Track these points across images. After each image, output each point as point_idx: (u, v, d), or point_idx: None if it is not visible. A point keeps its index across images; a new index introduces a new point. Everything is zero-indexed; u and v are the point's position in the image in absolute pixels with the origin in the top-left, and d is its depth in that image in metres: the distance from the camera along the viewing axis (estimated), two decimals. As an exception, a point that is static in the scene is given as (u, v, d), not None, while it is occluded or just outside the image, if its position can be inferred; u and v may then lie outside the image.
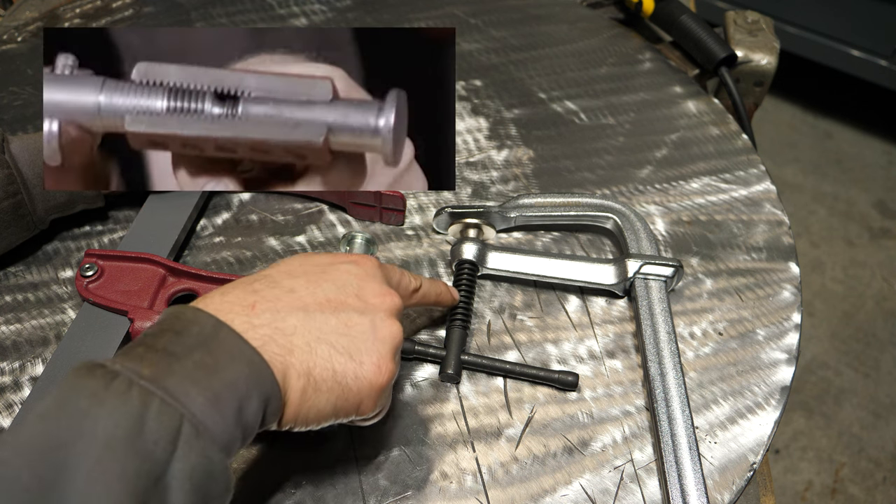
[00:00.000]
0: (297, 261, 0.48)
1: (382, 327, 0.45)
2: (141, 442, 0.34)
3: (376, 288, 0.47)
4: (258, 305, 0.42)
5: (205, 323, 0.40)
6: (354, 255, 0.50)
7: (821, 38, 2.01)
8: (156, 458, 0.34)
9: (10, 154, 0.59)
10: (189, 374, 0.37)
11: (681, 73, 0.87)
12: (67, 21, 0.90)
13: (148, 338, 0.39)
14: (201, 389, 0.37)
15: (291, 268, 0.46)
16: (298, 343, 0.42)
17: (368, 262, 0.49)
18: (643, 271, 0.62)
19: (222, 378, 0.38)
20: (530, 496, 0.52)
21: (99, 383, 0.35)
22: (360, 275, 0.47)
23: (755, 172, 0.76)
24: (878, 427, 1.61)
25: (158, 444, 0.34)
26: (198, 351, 0.38)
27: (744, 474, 0.54)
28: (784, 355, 0.61)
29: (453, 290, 0.59)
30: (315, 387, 0.42)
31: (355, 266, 0.48)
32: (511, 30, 0.92)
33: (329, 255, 0.49)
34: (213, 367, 0.38)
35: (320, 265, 0.47)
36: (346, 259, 0.48)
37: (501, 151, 0.77)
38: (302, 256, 0.49)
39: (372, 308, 0.46)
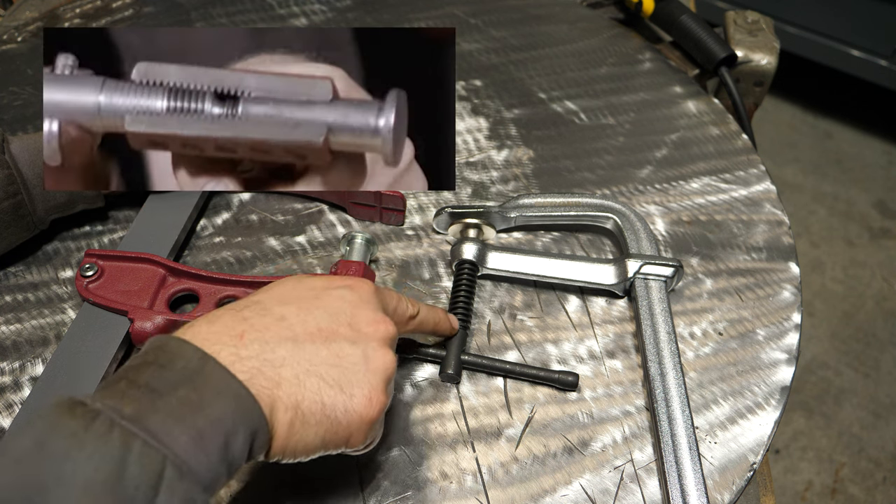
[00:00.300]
0: (290, 284, 0.46)
1: (375, 358, 0.44)
2: (121, 488, 0.32)
3: (370, 315, 0.45)
4: (246, 335, 0.41)
5: (190, 356, 0.38)
6: (350, 279, 0.48)
7: (821, 38, 2.01)
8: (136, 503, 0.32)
9: (10, 154, 0.59)
10: (173, 412, 0.35)
11: (681, 73, 0.87)
12: (67, 21, 0.90)
13: (131, 371, 0.37)
14: (185, 428, 0.35)
15: (283, 292, 0.45)
16: (287, 375, 0.40)
17: (363, 288, 0.47)
18: (643, 271, 0.62)
19: (208, 415, 0.36)
20: (530, 496, 0.52)
21: (79, 423, 0.34)
22: (353, 301, 0.45)
23: (755, 172, 0.76)
24: (878, 427, 1.61)
25: (140, 489, 0.33)
26: (183, 387, 0.36)
27: (744, 474, 0.54)
28: (784, 355, 0.61)
29: (452, 318, 0.58)
30: (303, 420, 0.40)
31: (349, 291, 0.46)
32: (511, 30, 0.92)
33: (323, 279, 0.47)
34: (198, 403, 0.36)
35: (314, 290, 0.46)
36: (341, 283, 0.47)
37: (501, 151, 0.77)
38: (295, 279, 0.47)
39: (364, 337, 0.44)
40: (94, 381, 0.54)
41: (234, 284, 0.60)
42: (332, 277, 0.48)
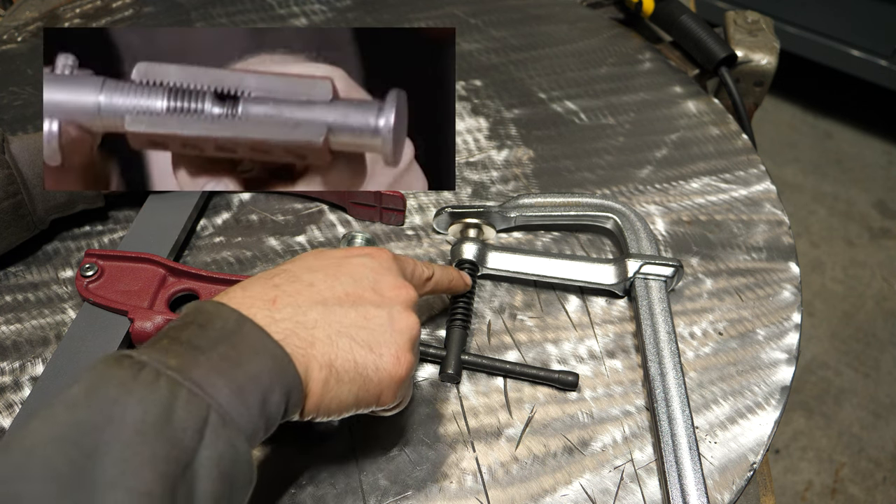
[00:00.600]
0: (313, 255, 0.49)
1: (399, 319, 0.46)
2: (170, 429, 0.34)
3: (392, 281, 0.48)
4: (279, 300, 0.43)
5: (228, 317, 0.40)
6: (369, 248, 0.50)
7: (821, 38, 2.01)
8: (184, 445, 0.35)
9: (10, 154, 0.59)
10: (214, 367, 0.38)
11: (681, 73, 0.87)
12: (67, 21, 0.90)
13: (172, 330, 0.40)
14: (227, 381, 0.37)
15: (309, 262, 0.47)
16: (320, 336, 0.43)
17: (383, 255, 0.50)
18: (643, 271, 0.62)
19: (246, 371, 0.38)
20: (530, 496, 0.52)
21: (127, 373, 0.36)
22: (375, 268, 0.48)
23: (755, 172, 0.76)
24: (878, 427, 1.61)
25: (187, 433, 0.35)
26: (222, 344, 0.39)
27: (744, 474, 0.54)
28: (784, 355, 0.61)
29: (465, 275, 0.60)
30: (337, 378, 0.42)
31: (370, 259, 0.48)
32: (511, 30, 0.92)
33: (344, 250, 0.50)
34: (237, 359, 0.38)
35: (336, 258, 0.48)
36: (362, 252, 0.49)
37: (501, 151, 0.77)
38: (317, 252, 0.49)
39: (388, 301, 0.46)
40: (94, 381, 0.54)
41: (234, 284, 0.60)
42: (351, 248, 0.50)
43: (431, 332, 0.62)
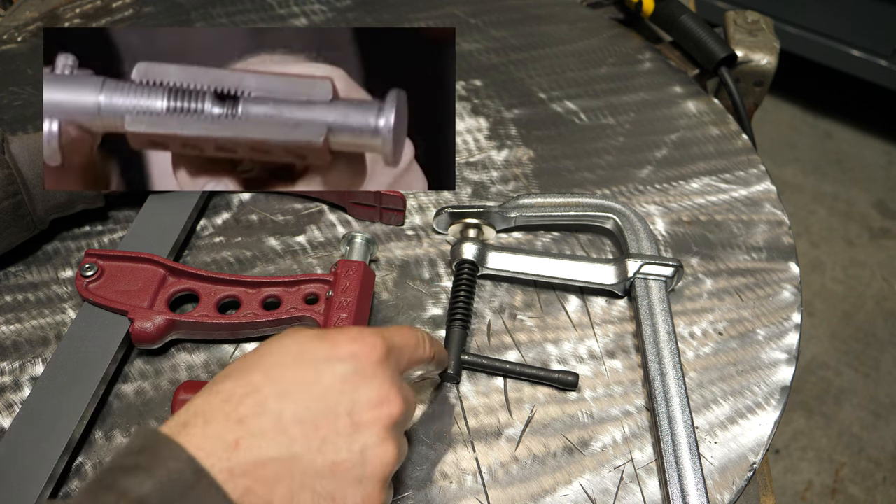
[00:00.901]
0: (291, 359, 0.42)
1: (373, 458, 0.41)
2: None
3: (373, 395, 0.42)
4: (242, 444, 0.38)
5: (183, 468, 0.36)
6: (358, 340, 0.43)
7: (821, 38, 2.01)
8: None
9: (10, 154, 0.59)
10: None
11: (681, 73, 0.87)
12: (67, 21, 0.90)
13: (119, 477, 0.35)
14: None
15: (283, 374, 0.41)
16: (280, 492, 0.38)
17: (370, 357, 0.42)
18: (643, 271, 0.62)
19: None
20: (530, 496, 0.52)
21: None
22: (356, 381, 0.42)
23: (755, 172, 0.76)
24: (878, 427, 1.61)
25: None
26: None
27: (744, 474, 0.54)
28: (784, 355, 0.61)
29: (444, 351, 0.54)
30: None
31: (352, 369, 0.42)
32: (511, 30, 0.92)
33: (327, 346, 0.42)
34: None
35: (316, 368, 0.41)
36: (347, 353, 0.42)
37: (501, 151, 0.77)
38: (297, 348, 0.42)
39: (364, 429, 0.41)
40: (95, 381, 0.54)
41: (234, 284, 0.60)
42: (338, 342, 0.42)
43: (431, 332, 0.62)
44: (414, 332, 0.48)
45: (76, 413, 0.52)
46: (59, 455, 0.50)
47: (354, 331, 0.43)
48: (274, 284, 0.60)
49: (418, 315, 0.63)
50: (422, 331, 0.49)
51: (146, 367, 0.59)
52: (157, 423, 0.55)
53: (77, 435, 0.52)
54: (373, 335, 0.43)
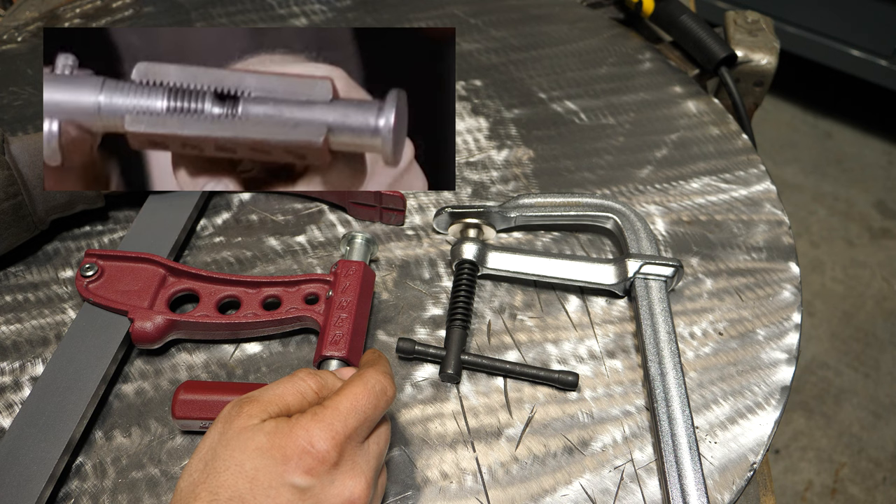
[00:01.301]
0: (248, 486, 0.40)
1: None
2: None
3: (336, 502, 0.41)
4: None
5: None
6: (308, 458, 0.40)
7: (821, 38, 2.01)
8: None
9: (10, 155, 0.59)
10: None
11: (681, 73, 0.87)
12: (67, 21, 0.90)
13: None
14: None
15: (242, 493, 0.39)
16: None
17: (325, 468, 0.41)
18: (643, 271, 0.62)
19: None
20: (530, 496, 0.52)
21: None
22: (315, 494, 0.40)
23: (755, 172, 0.76)
24: (878, 427, 1.61)
25: None
26: None
27: (744, 474, 0.54)
28: (784, 355, 0.61)
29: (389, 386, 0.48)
30: None
31: (310, 483, 0.40)
32: (511, 30, 0.92)
33: (279, 468, 0.40)
34: None
35: (273, 490, 0.40)
36: (300, 471, 0.40)
37: (501, 151, 0.77)
38: (250, 472, 0.40)
39: None
40: (95, 381, 0.54)
41: (234, 284, 0.60)
42: (288, 459, 0.40)
43: (431, 332, 0.62)
44: (369, 393, 0.44)
45: (76, 413, 0.52)
46: (59, 455, 0.50)
47: (304, 440, 0.41)
48: (274, 284, 0.60)
49: (418, 315, 0.63)
50: (380, 379, 0.45)
51: (146, 367, 0.59)
52: (156, 423, 0.55)
53: (77, 435, 0.52)
54: (325, 440, 0.41)
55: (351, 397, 0.43)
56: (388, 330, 0.61)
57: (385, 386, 0.45)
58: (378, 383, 0.45)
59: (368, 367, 0.46)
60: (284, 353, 0.60)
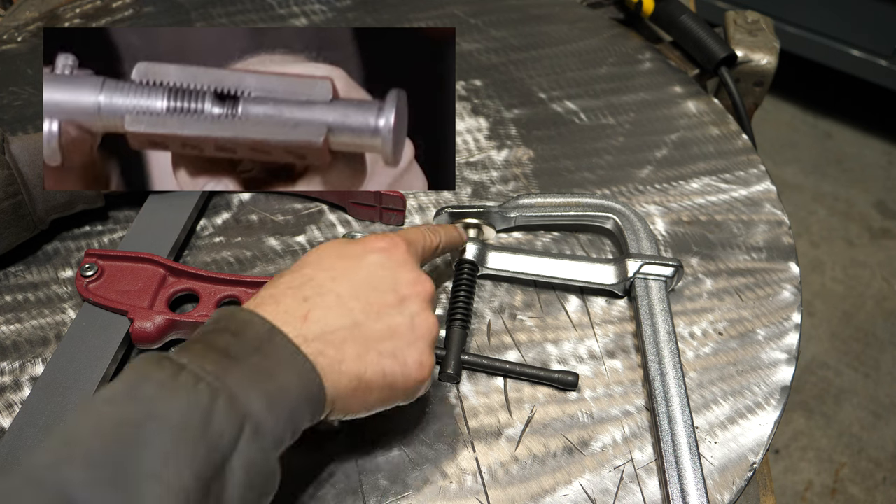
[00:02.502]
0: (333, 253, 0.49)
1: (420, 324, 0.47)
2: (209, 433, 0.36)
3: (409, 277, 0.49)
4: (310, 317, 0.44)
5: (260, 327, 0.42)
6: (383, 239, 0.50)
7: (821, 38, 2.01)
8: (220, 449, 0.36)
9: (10, 154, 0.59)
10: (248, 376, 0.39)
11: (681, 73, 0.87)
12: (67, 21, 0.90)
13: (206, 336, 0.41)
14: (260, 393, 0.39)
15: (331, 266, 0.47)
16: (349, 353, 0.44)
17: (398, 250, 0.50)
18: (643, 271, 0.62)
19: (278, 384, 0.40)
20: (530, 496, 0.52)
21: (167, 374, 0.37)
22: (392, 267, 0.49)
23: (755, 172, 0.76)
24: (878, 427, 1.61)
25: (223, 438, 0.36)
26: (255, 355, 0.40)
27: (744, 474, 0.54)
28: (784, 355, 0.61)
29: (460, 229, 0.63)
30: (366, 388, 0.45)
31: (388, 258, 0.49)
32: (511, 30, 0.92)
33: (360, 245, 0.50)
34: (269, 372, 0.40)
35: (355, 259, 0.48)
36: (377, 247, 0.49)
37: (501, 151, 0.77)
38: (335, 248, 0.49)
39: (408, 301, 0.48)
40: (94, 381, 0.54)
41: (234, 284, 0.60)
42: (367, 241, 0.50)
43: (431, 332, 0.62)
44: (418, 230, 0.56)
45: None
46: (59, 455, 0.50)
47: (379, 234, 0.51)
48: (274, 284, 0.60)
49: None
50: (425, 226, 0.57)
51: (146, 367, 0.59)
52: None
53: (77, 435, 0.52)
54: (393, 235, 0.51)
55: (406, 229, 0.55)
56: (388, 330, 0.61)
57: (433, 227, 0.58)
58: (426, 225, 0.58)
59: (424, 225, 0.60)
60: (284, 353, 0.60)
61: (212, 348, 0.40)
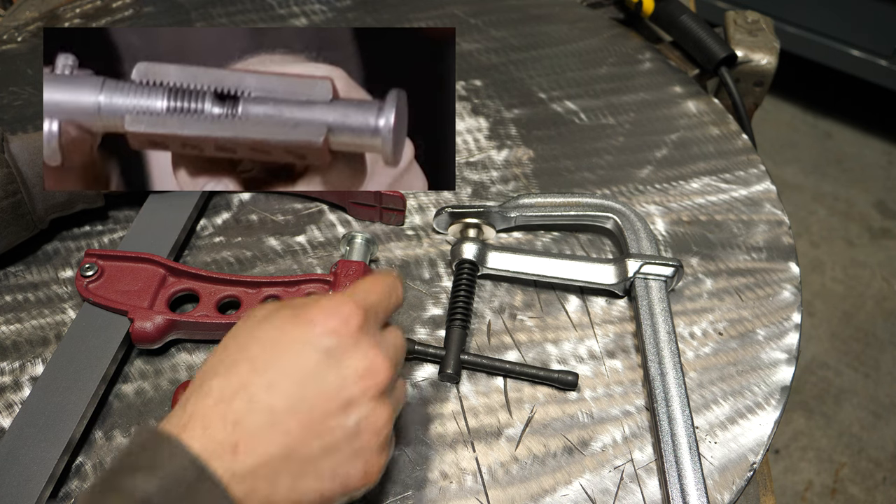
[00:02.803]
0: (272, 339, 0.42)
1: (367, 427, 0.42)
2: None
3: (359, 367, 0.42)
4: (241, 447, 0.38)
5: (187, 467, 0.36)
6: (334, 320, 0.42)
7: (821, 38, 2.01)
8: None
9: (9, 153, 0.59)
10: None
11: (681, 73, 0.87)
12: (67, 21, 0.90)
13: (123, 477, 0.35)
14: None
15: (268, 358, 0.41)
16: (283, 484, 0.39)
17: (348, 329, 0.42)
18: (643, 271, 0.62)
19: None
20: (530, 496, 0.52)
21: None
22: (340, 355, 0.41)
23: (755, 172, 0.76)
24: (878, 427, 1.61)
25: None
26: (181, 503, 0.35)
27: (744, 474, 0.54)
28: (784, 355, 0.61)
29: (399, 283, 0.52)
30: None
31: (336, 343, 0.42)
32: (511, 30, 0.92)
33: (305, 326, 0.42)
34: None
35: (298, 347, 0.41)
36: (327, 331, 0.42)
37: (501, 151, 0.77)
38: (275, 327, 0.42)
39: (354, 404, 0.41)
40: (95, 381, 0.54)
41: (234, 284, 0.60)
42: (315, 318, 0.42)
43: (431, 332, 0.62)
44: (384, 281, 0.47)
45: (76, 413, 0.52)
46: (59, 455, 0.50)
47: (329, 303, 0.43)
48: (274, 284, 0.60)
49: (418, 315, 0.63)
50: (390, 275, 0.48)
51: (146, 367, 0.59)
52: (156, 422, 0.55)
53: (77, 435, 0.52)
54: (347, 304, 0.43)
55: (368, 280, 0.46)
56: (388, 330, 0.61)
57: (395, 283, 0.48)
58: (388, 277, 0.48)
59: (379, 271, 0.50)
60: (284, 353, 0.60)
61: (128, 496, 0.34)
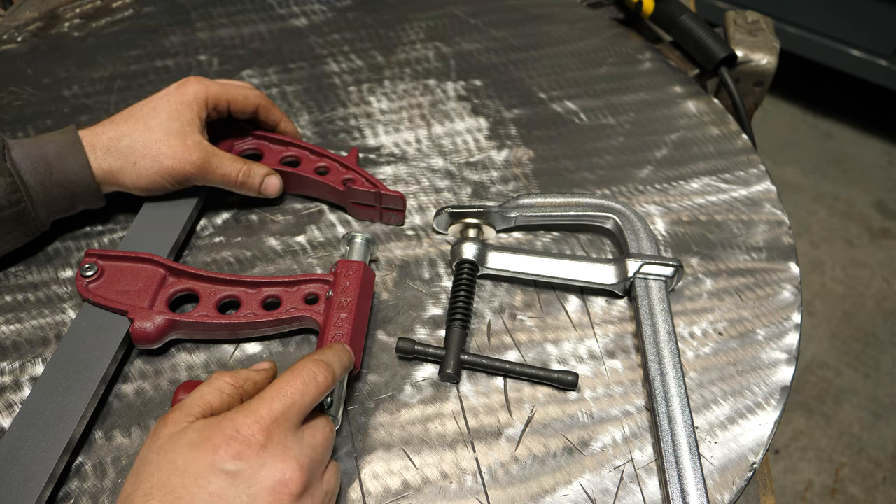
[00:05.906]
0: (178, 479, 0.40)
1: None
2: None
3: (268, 484, 0.41)
4: None
5: None
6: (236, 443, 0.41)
7: (821, 38, 2.01)
8: None
9: (11, 162, 0.59)
10: None
11: (681, 73, 0.87)
12: (67, 21, 0.90)
13: None
14: None
15: (176, 485, 0.40)
16: None
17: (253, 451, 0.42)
18: (643, 271, 0.62)
19: None
20: (530, 496, 0.52)
21: None
22: (246, 477, 0.41)
23: (755, 172, 0.76)
24: (878, 427, 1.61)
25: None
26: None
27: (744, 474, 0.54)
28: (784, 355, 0.61)
29: (347, 348, 0.52)
30: None
31: (239, 467, 0.41)
32: (511, 30, 0.92)
33: (207, 454, 0.41)
34: None
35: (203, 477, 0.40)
36: (228, 457, 0.41)
37: (501, 151, 0.77)
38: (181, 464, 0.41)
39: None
40: (95, 381, 0.54)
41: (233, 284, 0.60)
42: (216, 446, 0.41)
43: (431, 332, 0.62)
44: (299, 377, 0.45)
45: (76, 413, 0.52)
46: (59, 455, 0.50)
47: (230, 427, 0.42)
48: (274, 284, 0.60)
49: (418, 315, 0.63)
50: (309, 366, 0.46)
51: (146, 367, 0.59)
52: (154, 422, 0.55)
53: (77, 435, 0.52)
54: (250, 425, 0.42)
55: (276, 385, 0.45)
56: (388, 330, 0.61)
57: (315, 372, 0.46)
58: (306, 370, 0.46)
59: (305, 357, 0.48)
60: (284, 353, 0.60)
61: None
